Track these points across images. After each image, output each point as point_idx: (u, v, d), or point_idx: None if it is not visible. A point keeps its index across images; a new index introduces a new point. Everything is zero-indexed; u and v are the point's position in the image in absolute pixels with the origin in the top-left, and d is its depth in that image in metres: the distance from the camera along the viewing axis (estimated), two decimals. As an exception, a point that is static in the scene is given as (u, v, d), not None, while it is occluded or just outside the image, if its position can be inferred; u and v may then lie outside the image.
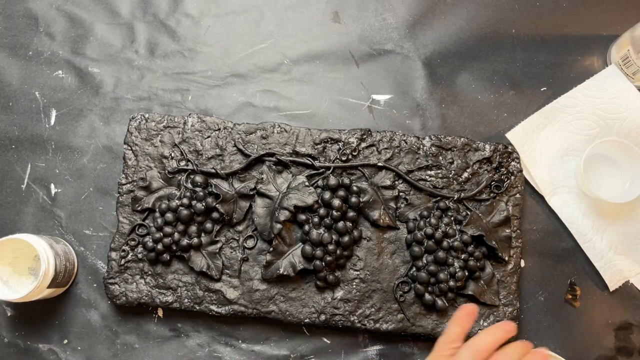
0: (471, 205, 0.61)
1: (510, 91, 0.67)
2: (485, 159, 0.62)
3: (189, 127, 0.62)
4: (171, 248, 0.59)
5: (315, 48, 0.68)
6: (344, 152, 0.61)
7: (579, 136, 0.64)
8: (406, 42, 0.68)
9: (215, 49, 0.68)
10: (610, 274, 0.62)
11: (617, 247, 0.62)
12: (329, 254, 0.58)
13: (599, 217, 0.63)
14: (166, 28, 0.68)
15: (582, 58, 0.68)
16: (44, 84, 0.66)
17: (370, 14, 0.69)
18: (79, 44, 0.68)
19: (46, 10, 0.68)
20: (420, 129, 0.65)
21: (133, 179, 0.61)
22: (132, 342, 0.61)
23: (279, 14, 0.69)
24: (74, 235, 0.63)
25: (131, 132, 0.62)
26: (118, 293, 0.59)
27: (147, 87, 0.66)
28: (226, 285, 0.59)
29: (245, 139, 0.62)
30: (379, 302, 0.59)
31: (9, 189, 0.64)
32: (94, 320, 0.61)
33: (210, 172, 0.61)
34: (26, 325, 0.61)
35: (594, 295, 0.62)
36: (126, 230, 0.60)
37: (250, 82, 0.67)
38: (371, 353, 0.60)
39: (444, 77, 0.67)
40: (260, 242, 0.60)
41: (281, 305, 0.59)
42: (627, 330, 0.62)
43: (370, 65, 0.67)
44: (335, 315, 0.59)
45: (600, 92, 0.64)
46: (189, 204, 0.59)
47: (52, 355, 0.60)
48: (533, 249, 0.63)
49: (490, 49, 0.68)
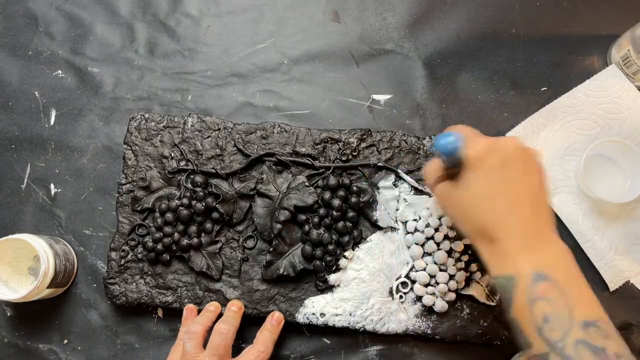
0: (471, 205, 0.61)
1: (511, 91, 0.67)
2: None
3: (188, 127, 0.62)
4: (171, 248, 0.59)
5: (315, 48, 0.68)
6: (344, 152, 0.61)
7: (579, 136, 0.64)
8: (406, 42, 0.68)
9: (215, 49, 0.68)
10: (611, 274, 0.62)
11: (617, 247, 0.62)
12: (329, 254, 0.58)
13: (599, 217, 0.63)
14: (166, 28, 0.68)
15: (582, 58, 0.67)
16: (43, 84, 0.66)
17: (370, 14, 0.69)
18: (79, 43, 0.67)
19: (46, 10, 0.68)
20: (420, 129, 0.65)
21: (133, 179, 0.61)
22: (132, 342, 0.61)
23: (278, 13, 0.69)
24: (73, 235, 0.63)
25: (131, 132, 0.62)
26: (118, 293, 0.59)
27: (147, 87, 0.66)
28: (226, 286, 0.59)
29: (245, 139, 0.62)
30: (378, 302, 0.59)
31: (8, 189, 0.64)
32: (93, 320, 0.61)
33: (210, 172, 0.61)
34: (26, 325, 0.61)
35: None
36: (126, 230, 0.60)
37: (250, 82, 0.67)
38: (371, 353, 0.60)
39: (444, 77, 0.67)
40: (260, 242, 0.60)
41: (281, 306, 0.59)
42: (628, 331, 0.61)
43: (371, 65, 0.67)
44: (335, 316, 0.59)
45: (600, 92, 0.64)
46: (189, 204, 0.59)
47: (52, 355, 0.60)
48: (533, 249, 0.63)
49: (490, 48, 0.68)
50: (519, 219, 0.44)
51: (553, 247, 0.45)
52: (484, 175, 0.45)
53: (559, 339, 0.40)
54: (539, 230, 0.44)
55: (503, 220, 0.44)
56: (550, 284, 0.42)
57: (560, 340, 0.40)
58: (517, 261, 0.43)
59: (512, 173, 0.45)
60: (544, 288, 0.41)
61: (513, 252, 0.43)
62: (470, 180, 0.45)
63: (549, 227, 0.45)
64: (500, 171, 0.45)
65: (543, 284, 0.42)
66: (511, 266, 0.43)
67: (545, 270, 0.42)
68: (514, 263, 0.43)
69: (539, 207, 0.45)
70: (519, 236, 0.44)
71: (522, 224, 0.44)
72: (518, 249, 0.43)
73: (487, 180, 0.45)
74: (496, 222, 0.44)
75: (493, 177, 0.45)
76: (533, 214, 0.44)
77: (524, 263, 0.43)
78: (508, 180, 0.45)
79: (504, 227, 0.44)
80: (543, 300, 0.41)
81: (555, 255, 0.44)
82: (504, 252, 0.44)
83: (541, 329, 0.41)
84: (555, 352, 0.40)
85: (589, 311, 0.41)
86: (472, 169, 0.45)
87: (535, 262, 0.43)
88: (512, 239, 0.44)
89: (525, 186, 0.45)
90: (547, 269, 0.42)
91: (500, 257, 0.44)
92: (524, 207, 0.44)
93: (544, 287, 0.41)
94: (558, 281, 0.42)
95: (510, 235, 0.44)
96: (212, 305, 0.58)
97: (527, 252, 0.43)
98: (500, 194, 0.45)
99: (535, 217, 0.45)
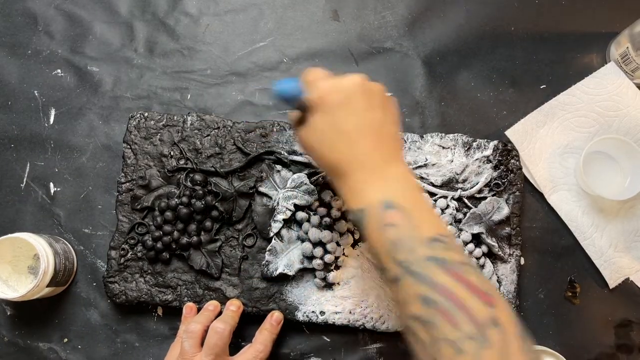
0: (470, 203, 0.61)
1: (510, 89, 0.67)
2: (484, 157, 0.62)
3: (188, 125, 0.62)
4: (171, 246, 0.59)
5: (315, 46, 0.68)
6: (343, 150, 0.61)
7: (579, 134, 0.64)
8: (405, 40, 0.68)
9: (215, 48, 0.68)
10: (610, 271, 0.62)
11: (616, 244, 0.62)
12: (329, 252, 0.58)
13: (599, 215, 0.63)
14: (165, 27, 0.68)
15: (581, 55, 0.68)
16: (42, 83, 0.66)
17: (369, 12, 0.69)
18: (78, 42, 0.67)
19: (45, 9, 0.68)
20: (419, 127, 0.65)
21: (132, 177, 0.61)
22: (132, 341, 0.61)
23: (278, 12, 0.69)
24: (73, 234, 0.63)
25: (130, 130, 0.62)
26: (118, 292, 0.59)
27: (146, 86, 0.66)
28: (226, 284, 0.59)
29: (244, 137, 0.62)
30: (378, 300, 0.59)
31: (8, 188, 0.64)
32: (93, 318, 0.61)
33: (209, 170, 0.61)
34: (26, 324, 0.61)
35: (594, 293, 0.62)
36: (125, 228, 0.60)
37: (250, 80, 0.67)
38: (371, 351, 0.60)
39: (444, 75, 0.67)
40: (259, 240, 0.60)
41: (281, 304, 0.59)
42: (627, 328, 0.62)
43: (370, 64, 0.67)
44: (335, 314, 0.59)
45: (599, 89, 0.64)
46: (189, 203, 0.59)
47: (52, 354, 0.60)
48: (533, 246, 0.63)
49: (489, 46, 0.68)
50: (362, 151, 0.46)
51: (396, 173, 0.46)
52: (325, 114, 0.46)
53: (407, 259, 0.42)
54: (384, 159, 0.46)
55: (348, 153, 0.46)
56: (397, 210, 0.43)
57: (408, 260, 0.42)
58: (366, 193, 0.45)
59: (354, 109, 0.46)
60: (391, 215, 0.43)
61: (361, 184, 0.46)
62: (314, 121, 0.47)
63: (394, 156, 0.47)
64: (342, 108, 0.46)
65: (390, 211, 0.44)
66: (361, 199, 0.45)
67: (392, 198, 0.44)
68: (363, 195, 0.45)
69: (383, 138, 0.47)
70: (365, 168, 0.46)
71: (366, 155, 0.46)
72: (365, 180, 0.45)
73: (330, 118, 0.46)
74: (342, 157, 0.46)
75: (335, 115, 0.46)
76: (376, 145, 0.46)
77: (371, 194, 0.45)
78: (350, 116, 0.46)
79: (350, 161, 0.46)
80: (391, 227, 0.43)
81: (399, 181, 0.46)
82: (354, 185, 0.46)
83: (391, 252, 0.42)
84: (407, 272, 0.41)
85: (431, 228, 0.43)
86: (315, 110, 0.47)
87: (383, 192, 0.45)
88: (358, 171, 0.46)
89: (367, 120, 0.47)
90: (393, 196, 0.44)
91: (352, 191, 0.46)
92: (366, 140, 0.46)
93: (391, 214, 0.43)
94: (404, 206, 0.44)
95: (356, 168, 0.46)
96: (212, 304, 0.58)
97: (373, 183, 0.45)
98: (343, 130, 0.46)
99: (379, 147, 0.46)
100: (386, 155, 0.47)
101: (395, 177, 0.46)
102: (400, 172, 0.47)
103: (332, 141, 0.46)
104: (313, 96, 0.47)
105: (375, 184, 0.45)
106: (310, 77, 0.48)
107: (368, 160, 0.46)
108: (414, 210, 0.44)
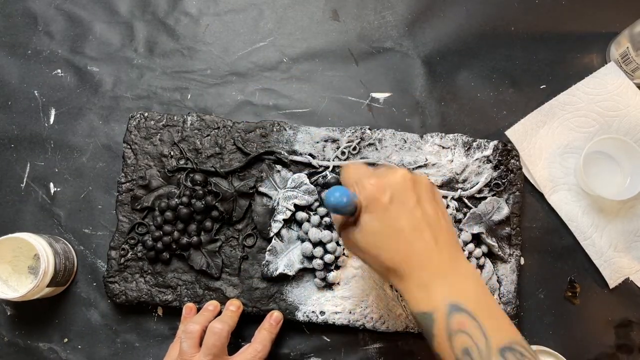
0: (471, 203, 0.61)
1: (510, 89, 0.67)
2: (484, 157, 0.62)
3: (188, 125, 0.62)
4: (171, 246, 0.59)
5: (315, 46, 0.68)
6: (343, 150, 0.61)
7: (578, 134, 0.64)
8: (405, 40, 0.68)
9: (215, 48, 0.68)
10: (610, 271, 0.62)
11: (616, 244, 0.62)
12: (329, 252, 0.58)
13: (599, 215, 0.63)
14: (165, 27, 0.68)
15: (581, 55, 0.67)
16: (43, 83, 0.66)
17: (369, 12, 0.69)
18: (78, 42, 0.67)
19: (45, 9, 0.68)
20: (419, 127, 0.65)
21: (132, 177, 0.61)
22: (132, 341, 0.61)
23: (278, 12, 0.69)
24: (73, 234, 0.63)
25: (130, 130, 0.62)
26: (118, 292, 0.59)
27: (146, 86, 0.66)
28: (226, 284, 0.59)
29: (244, 137, 0.62)
30: (378, 300, 0.59)
31: (8, 188, 0.64)
32: (94, 319, 0.61)
33: (209, 170, 0.61)
34: (26, 324, 0.61)
35: (594, 293, 0.62)
36: (126, 229, 0.60)
37: (250, 80, 0.67)
38: (371, 351, 0.60)
39: (444, 75, 0.67)
40: (259, 240, 0.60)
41: (281, 304, 0.59)
42: (627, 328, 0.62)
43: (370, 64, 0.67)
44: (335, 314, 0.59)
45: (599, 89, 0.64)
46: (189, 203, 0.59)
47: (53, 354, 0.60)
48: (533, 246, 0.63)
49: (489, 46, 0.68)
50: (421, 249, 0.43)
51: (460, 272, 0.44)
52: (377, 213, 0.44)
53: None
54: (445, 257, 0.44)
55: (406, 253, 0.43)
56: (465, 315, 0.41)
57: None
58: (431, 295, 0.42)
59: (405, 206, 0.44)
60: (460, 320, 0.41)
61: (424, 286, 0.43)
62: (365, 222, 0.44)
63: (455, 251, 0.45)
64: (392, 206, 0.44)
65: (458, 316, 0.41)
66: (426, 302, 0.43)
67: (459, 301, 0.42)
68: (428, 298, 0.43)
69: (439, 233, 0.44)
70: (426, 268, 0.43)
71: (426, 254, 0.43)
72: (428, 281, 0.43)
73: (382, 217, 0.44)
74: (400, 258, 0.44)
75: (387, 214, 0.44)
76: (434, 240, 0.44)
77: (437, 296, 0.42)
78: (402, 213, 0.44)
79: (409, 261, 0.43)
80: (461, 333, 0.41)
81: (465, 281, 0.44)
82: (417, 287, 0.43)
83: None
84: None
85: (504, 336, 0.41)
86: (364, 211, 0.45)
87: (448, 293, 0.42)
88: (419, 271, 0.43)
89: (420, 215, 0.44)
90: (460, 298, 0.42)
91: (415, 294, 0.43)
92: (423, 237, 0.44)
93: (459, 319, 0.41)
94: (472, 311, 0.41)
95: (417, 268, 0.43)
96: (211, 304, 0.58)
97: (437, 284, 0.43)
98: (397, 228, 0.44)
99: (437, 244, 0.44)
100: (445, 252, 0.44)
101: (460, 277, 0.44)
102: (463, 270, 0.44)
103: (387, 241, 0.44)
104: (361, 200, 0.45)
105: (440, 286, 0.42)
106: (353, 175, 0.46)
107: (428, 259, 0.43)
108: (483, 314, 0.41)
